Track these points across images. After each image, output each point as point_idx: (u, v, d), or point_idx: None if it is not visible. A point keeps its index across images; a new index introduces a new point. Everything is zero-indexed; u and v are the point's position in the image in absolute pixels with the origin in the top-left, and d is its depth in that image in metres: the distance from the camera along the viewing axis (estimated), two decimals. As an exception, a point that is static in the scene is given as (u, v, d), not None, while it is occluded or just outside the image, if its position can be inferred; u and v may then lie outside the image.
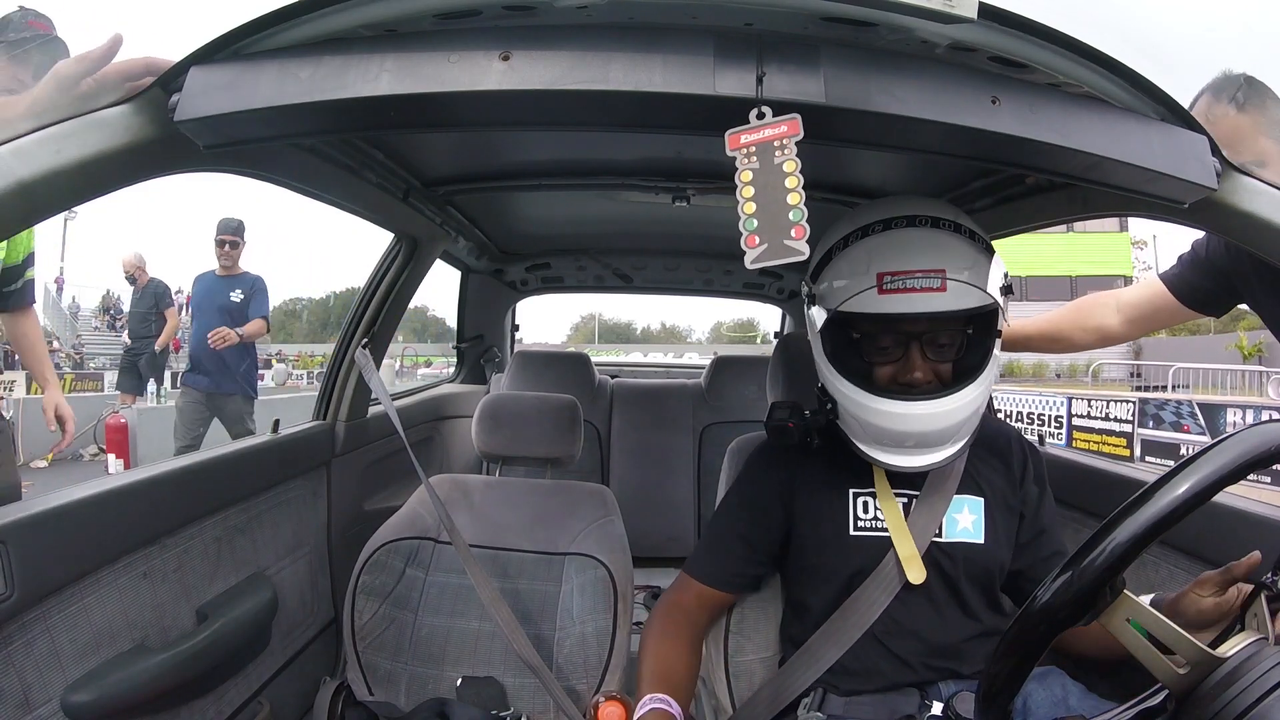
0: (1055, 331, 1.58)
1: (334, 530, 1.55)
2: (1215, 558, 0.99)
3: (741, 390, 2.43)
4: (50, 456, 6.87)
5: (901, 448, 0.91)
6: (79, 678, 0.87)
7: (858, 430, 0.93)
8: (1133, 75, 0.70)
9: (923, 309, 0.85)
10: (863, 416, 0.91)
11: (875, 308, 0.86)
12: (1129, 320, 1.47)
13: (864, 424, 0.92)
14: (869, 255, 0.88)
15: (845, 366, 0.93)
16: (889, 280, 0.85)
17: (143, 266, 5.72)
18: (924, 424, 0.88)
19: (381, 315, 1.57)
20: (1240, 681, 0.54)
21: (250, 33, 0.67)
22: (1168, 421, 8.76)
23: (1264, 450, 0.57)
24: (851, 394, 0.91)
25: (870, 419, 0.90)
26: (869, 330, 0.92)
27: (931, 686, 0.96)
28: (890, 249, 0.87)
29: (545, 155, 1.42)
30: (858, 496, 1.00)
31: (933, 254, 0.86)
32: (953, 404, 0.87)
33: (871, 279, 0.86)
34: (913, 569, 0.94)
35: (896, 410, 0.88)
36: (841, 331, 0.94)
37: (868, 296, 0.86)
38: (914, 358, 0.90)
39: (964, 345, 0.92)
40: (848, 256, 0.90)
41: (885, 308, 0.86)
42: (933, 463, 0.91)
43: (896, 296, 0.85)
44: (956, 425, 0.89)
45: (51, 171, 0.63)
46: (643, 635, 1.03)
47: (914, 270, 0.85)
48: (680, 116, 0.70)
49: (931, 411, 0.87)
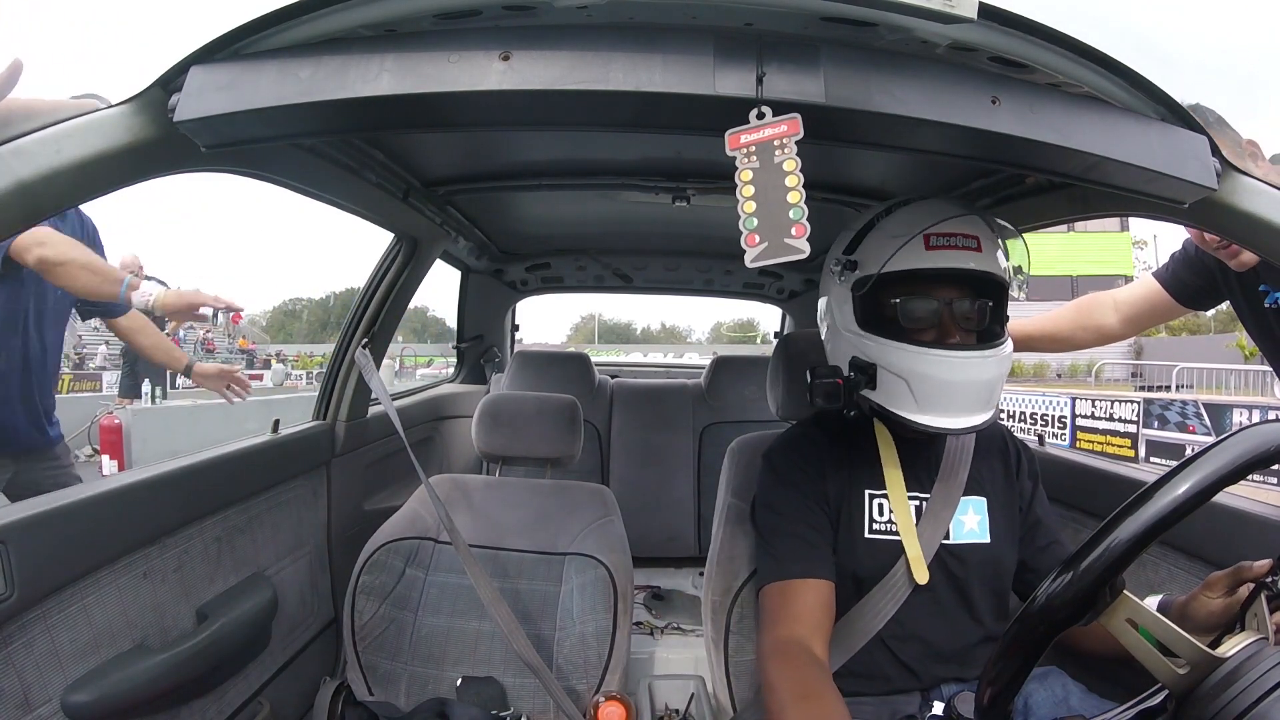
0: (1056, 331, 1.61)
1: (334, 530, 1.55)
2: (1215, 558, 1.00)
3: (741, 390, 2.43)
4: None
5: (945, 409, 0.90)
6: (79, 678, 0.87)
7: (901, 393, 0.91)
8: (1133, 75, 0.70)
9: (965, 265, 0.90)
10: (914, 368, 0.89)
11: (923, 263, 0.90)
12: (1126, 318, 1.51)
13: (914, 378, 0.90)
14: (913, 218, 0.93)
15: (884, 331, 0.94)
16: (935, 238, 0.90)
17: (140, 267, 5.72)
18: (970, 373, 0.90)
19: (381, 315, 1.56)
20: (1240, 682, 0.54)
21: (250, 33, 0.67)
22: (1173, 422, 8.69)
23: (1264, 450, 0.57)
24: (899, 349, 0.91)
25: (922, 369, 0.89)
26: (907, 293, 0.93)
27: (934, 689, 0.96)
28: (932, 213, 0.93)
29: (545, 155, 1.42)
30: (873, 498, 1.00)
31: (967, 222, 0.92)
32: (993, 356, 0.91)
33: (919, 240, 0.90)
34: (917, 570, 0.94)
35: (949, 358, 0.89)
36: (874, 299, 0.95)
37: (915, 253, 0.90)
38: (947, 320, 0.93)
39: (985, 315, 0.95)
40: (892, 220, 0.95)
41: (932, 262, 0.90)
42: (973, 425, 0.90)
43: (943, 253, 0.90)
44: (992, 382, 0.92)
45: (51, 171, 0.63)
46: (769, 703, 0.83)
47: (956, 232, 0.90)
48: (680, 116, 0.70)
49: (978, 362, 0.90)
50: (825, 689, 0.81)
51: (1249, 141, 1.24)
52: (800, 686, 0.82)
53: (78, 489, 0.92)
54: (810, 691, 0.81)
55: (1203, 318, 22.51)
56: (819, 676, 0.84)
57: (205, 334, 20.78)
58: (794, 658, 0.86)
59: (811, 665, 0.85)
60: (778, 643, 0.89)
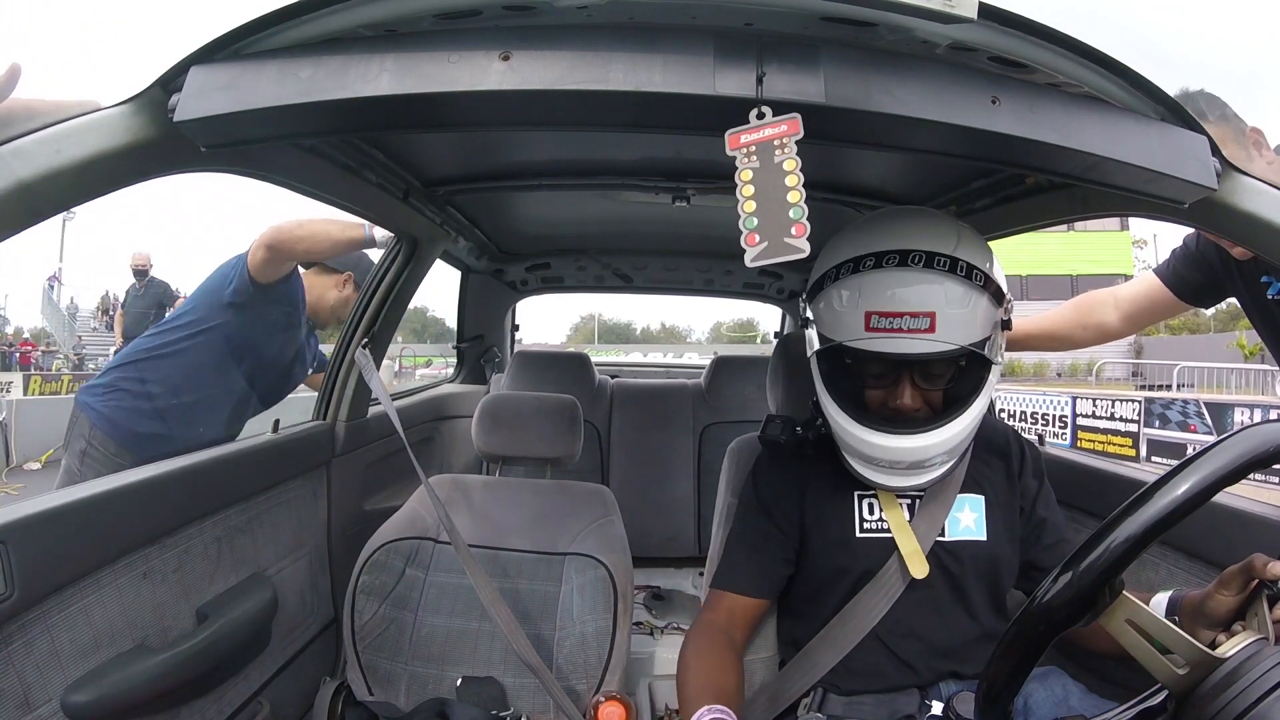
0: (1056, 330, 1.60)
1: (334, 530, 1.55)
2: (1215, 558, 1.00)
3: (741, 390, 2.43)
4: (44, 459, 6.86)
5: (893, 476, 0.92)
6: (79, 678, 0.87)
7: (850, 451, 0.95)
8: (1133, 75, 0.70)
9: (908, 350, 0.86)
10: (851, 445, 0.93)
11: (862, 345, 0.87)
12: (1127, 316, 1.50)
13: (848, 448, 0.94)
14: (858, 292, 0.88)
15: (837, 389, 0.94)
16: (876, 319, 0.86)
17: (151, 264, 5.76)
18: (912, 455, 0.89)
19: (382, 315, 1.57)
20: (1240, 681, 0.54)
21: (250, 33, 0.67)
22: (1174, 421, 8.63)
23: (1264, 450, 0.57)
24: (842, 422, 0.93)
25: (860, 448, 0.92)
26: (858, 359, 0.92)
27: (932, 687, 0.96)
28: (879, 288, 0.87)
29: (545, 155, 1.42)
30: (863, 498, 1.01)
31: (923, 295, 0.85)
32: (940, 436, 0.88)
33: (860, 317, 0.86)
34: (915, 564, 0.94)
35: (882, 443, 0.90)
36: (835, 356, 0.94)
37: (855, 332, 0.87)
38: (904, 387, 0.90)
39: (956, 375, 0.92)
40: (838, 290, 0.90)
41: (871, 346, 0.87)
42: (924, 483, 0.93)
43: (883, 337, 0.86)
44: (947, 452, 0.90)
45: (51, 171, 0.63)
46: (679, 661, 0.96)
47: (902, 313, 0.85)
48: (680, 116, 0.70)
49: (919, 445, 0.88)
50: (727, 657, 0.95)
51: (1253, 130, 1.25)
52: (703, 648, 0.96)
53: (78, 489, 0.92)
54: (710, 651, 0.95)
55: (1202, 316, 22.52)
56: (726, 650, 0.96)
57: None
58: (713, 637, 0.98)
59: (726, 647, 0.97)
60: (704, 624, 1.01)
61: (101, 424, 1.63)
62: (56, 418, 6.89)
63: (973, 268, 0.86)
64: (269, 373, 1.86)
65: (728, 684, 0.91)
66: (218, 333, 1.70)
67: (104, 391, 1.68)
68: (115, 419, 1.63)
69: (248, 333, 1.76)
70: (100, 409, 1.65)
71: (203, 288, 1.78)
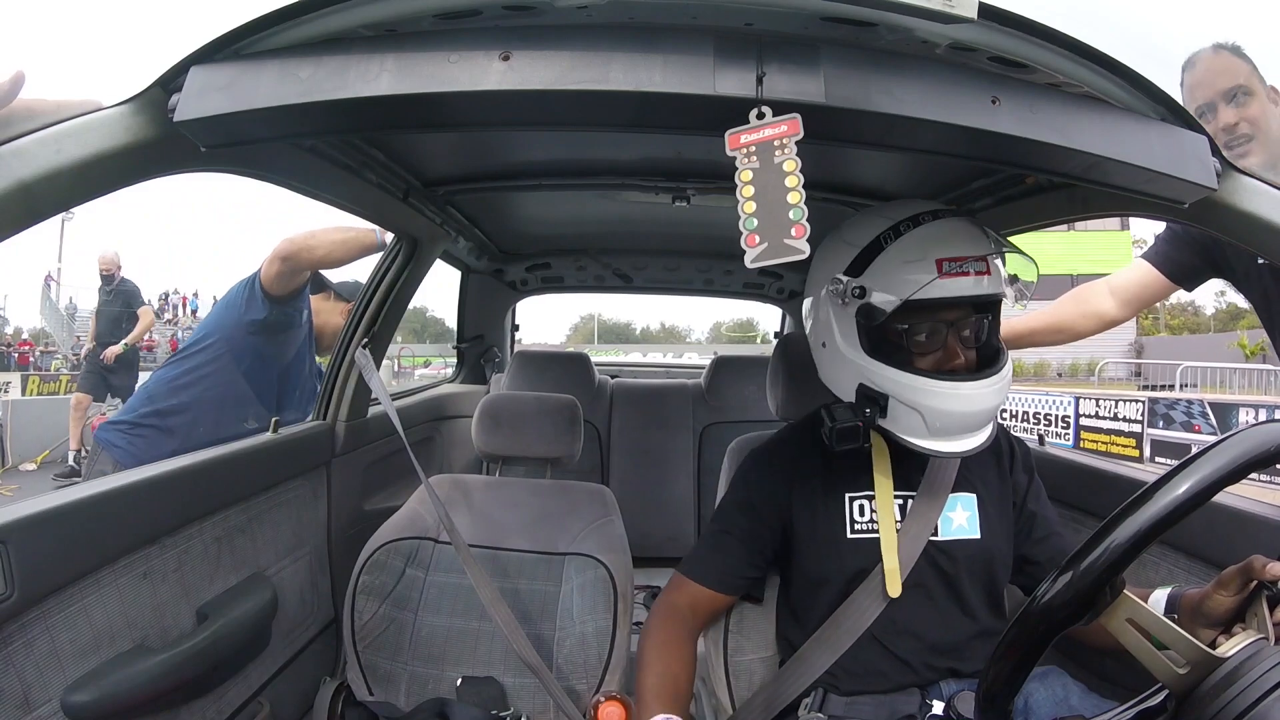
0: (1058, 322, 1.64)
1: (334, 530, 1.55)
2: (1215, 558, 1.00)
3: (741, 390, 2.43)
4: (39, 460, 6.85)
5: (952, 434, 0.91)
6: (79, 678, 0.87)
7: (915, 423, 0.91)
8: (1133, 75, 0.70)
9: (980, 291, 0.89)
10: (929, 403, 0.90)
11: (941, 292, 0.88)
12: (1123, 302, 1.55)
13: (926, 410, 0.90)
14: (924, 243, 0.90)
15: (891, 360, 0.93)
16: (948, 264, 0.88)
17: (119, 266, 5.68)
18: (979, 403, 0.90)
19: (382, 315, 1.56)
20: (1240, 681, 0.54)
21: (250, 33, 0.67)
22: (1178, 421, 8.54)
23: (1264, 450, 0.57)
24: (914, 383, 0.90)
25: (937, 404, 0.89)
26: (915, 320, 0.92)
27: (932, 686, 0.96)
28: (945, 235, 0.91)
29: (545, 155, 1.42)
30: (854, 500, 1.00)
31: (974, 241, 0.90)
32: (998, 383, 0.91)
33: (931, 265, 0.88)
34: (892, 584, 0.94)
35: (960, 391, 0.89)
36: (879, 326, 0.93)
37: (929, 280, 0.88)
38: (953, 345, 0.92)
39: (987, 331, 0.95)
40: (901, 246, 0.91)
41: (949, 291, 0.88)
42: (976, 446, 0.92)
43: (958, 280, 0.88)
44: (997, 406, 0.93)
45: (51, 171, 0.63)
46: (641, 643, 1.02)
47: (967, 256, 0.89)
48: (680, 116, 0.70)
49: (985, 390, 0.90)
50: (685, 650, 1.00)
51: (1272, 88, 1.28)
52: (664, 640, 1.00)
53: (78, 489, 0.92)
54: (670, 644, 1.00)
55: (1202, 316, 22.49)
56: (685, 641, 1.01)
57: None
58: (674, 627, 1.02)
59: (686, 638, 1.02)
60: (666, 606, 1.05)
61: (128, 461, 1.63)
62: (52, 418, 6.88)
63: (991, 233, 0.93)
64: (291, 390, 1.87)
65: (683, 682, 0.97)
66: (238, 353, 1.72)
67: (129, 428, 1.69)
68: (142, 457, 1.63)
69: (269, 350, 1.78)
70: (125, 447, 1.66)
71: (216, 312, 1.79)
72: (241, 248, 46.59)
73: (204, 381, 1.71)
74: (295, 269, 1.70)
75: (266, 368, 1.79)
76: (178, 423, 1.69)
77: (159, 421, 1.69)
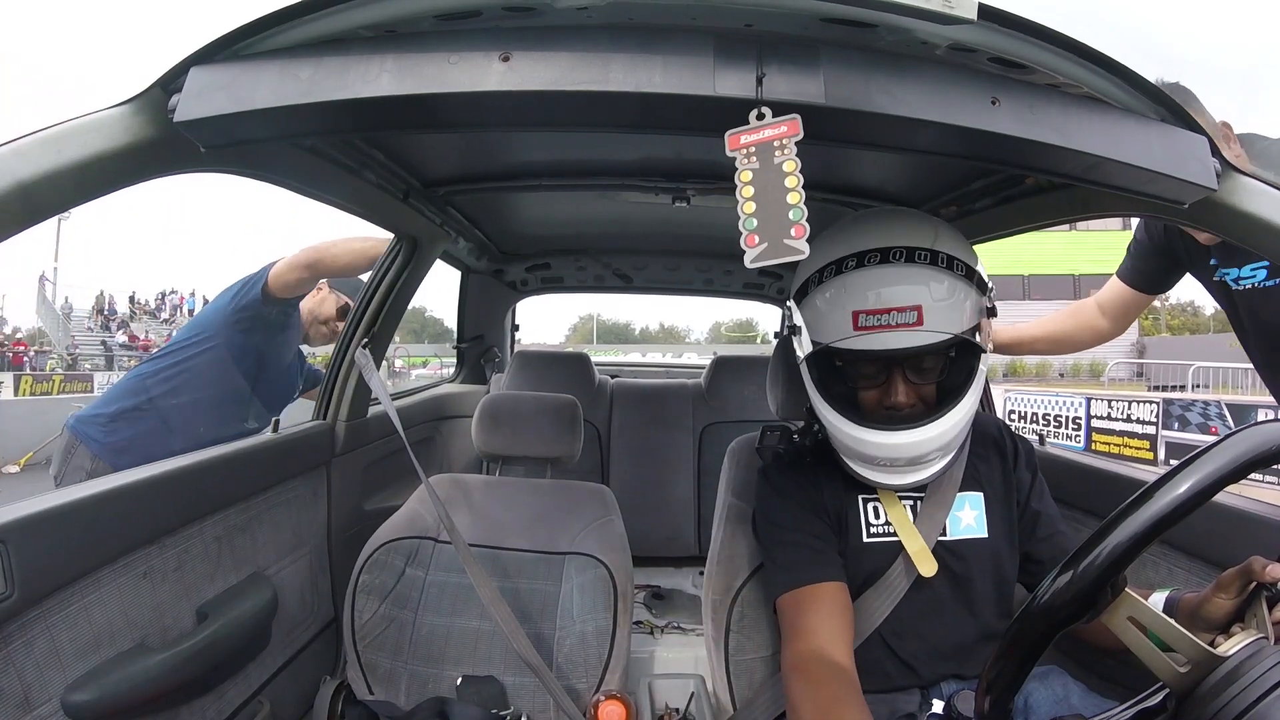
0: (1059, 333, 1.72)
1: (334, 530, 1.55)
2: (1215, 558, 1.00)
3: (741, 390, 2.43)
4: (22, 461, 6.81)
5: (892, 468, 0.92)
6: (79, 677, 0.87)
7: (848, 452, 0.95)
8: (1133, 76, 0.70)
9: (898, 345, 0.86)
10: (849, 445, 0.92)
11: (851, 345, 0.87)
12: (1112, 317, 1.63)
13: (851, 451, 0.93)
14: (843, 292, 0.88)
15: (830, 393, 0.94)
16: (864, 318, 0.86)
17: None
18: (910, 450, 0.89)
19: (382, 315, 1.57)
20: (1240, 681, 0.54)
21: (250, 33, 0.67)
22: (1194, 423, 8.31)
23: (1264, 450, 0.57)
24: (839, 424, 0.92)
25: (857, 448, 0.92)
26: (851, 360, 0.92)
27: (933, 687, 0.96)
28: (863, 286, 0.87)
29: (545, 155, 1.42)
30: (867, 502, 1.01)
31: (908, 289, 0.86)
32: (936, 430, 0.88)
33: (847, 317, 0.87)
34: (923, 562, 0.94)
35: (879, 440, 0.89)
36: (825, 359, 0.94)
37: (844, 332, 0.87)
38: (896, 383, 0.91)
39: (947, 366, 0.92)
40: (822, 294, 0.91)
41: (861, 345, 0.87)
42: (924, 479, 0.93)
43: (872, 335, 0.86)
44: (943, 446, 0.90)
45: (51, 171, 0.63)
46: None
47: (889, 308, 0.85)
48: (680, 117, 0.70)
49: (916, 439, 0.88)
50: (847, 707, 0.80)
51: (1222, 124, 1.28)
52: (821, 705, 0.80)
53: (78, 488, 0.92)
54: (831, 711, 0.79)
55: (1202, 317, 22.50)
56: (841, 694, 0.81)
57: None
58: (815, 674, 0.85)
59: (833, 681, 0.83)
60: (799, 658, 0.87)
61: (106, 455, 1.63)
62: (38, 419, 6.80)
63: (953, 259, 0.87)
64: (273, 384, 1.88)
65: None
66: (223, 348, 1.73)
67: (108, 421, 1.69)
68: (120, 448, 1.64)
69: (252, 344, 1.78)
70: (103, 440, 1.66)
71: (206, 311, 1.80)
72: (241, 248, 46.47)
73: (183, 376, 1.71)
74: (316, 277, 1.73)
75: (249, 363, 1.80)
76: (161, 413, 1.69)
77: (139, 414, 1.69)
